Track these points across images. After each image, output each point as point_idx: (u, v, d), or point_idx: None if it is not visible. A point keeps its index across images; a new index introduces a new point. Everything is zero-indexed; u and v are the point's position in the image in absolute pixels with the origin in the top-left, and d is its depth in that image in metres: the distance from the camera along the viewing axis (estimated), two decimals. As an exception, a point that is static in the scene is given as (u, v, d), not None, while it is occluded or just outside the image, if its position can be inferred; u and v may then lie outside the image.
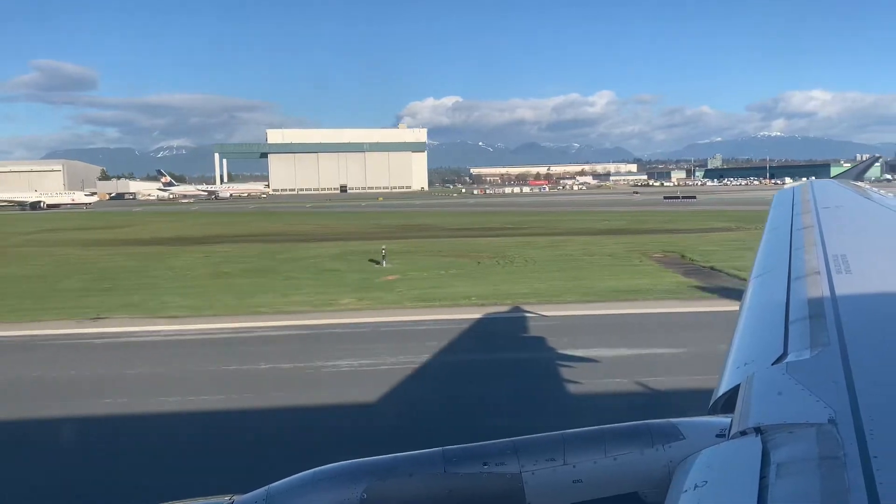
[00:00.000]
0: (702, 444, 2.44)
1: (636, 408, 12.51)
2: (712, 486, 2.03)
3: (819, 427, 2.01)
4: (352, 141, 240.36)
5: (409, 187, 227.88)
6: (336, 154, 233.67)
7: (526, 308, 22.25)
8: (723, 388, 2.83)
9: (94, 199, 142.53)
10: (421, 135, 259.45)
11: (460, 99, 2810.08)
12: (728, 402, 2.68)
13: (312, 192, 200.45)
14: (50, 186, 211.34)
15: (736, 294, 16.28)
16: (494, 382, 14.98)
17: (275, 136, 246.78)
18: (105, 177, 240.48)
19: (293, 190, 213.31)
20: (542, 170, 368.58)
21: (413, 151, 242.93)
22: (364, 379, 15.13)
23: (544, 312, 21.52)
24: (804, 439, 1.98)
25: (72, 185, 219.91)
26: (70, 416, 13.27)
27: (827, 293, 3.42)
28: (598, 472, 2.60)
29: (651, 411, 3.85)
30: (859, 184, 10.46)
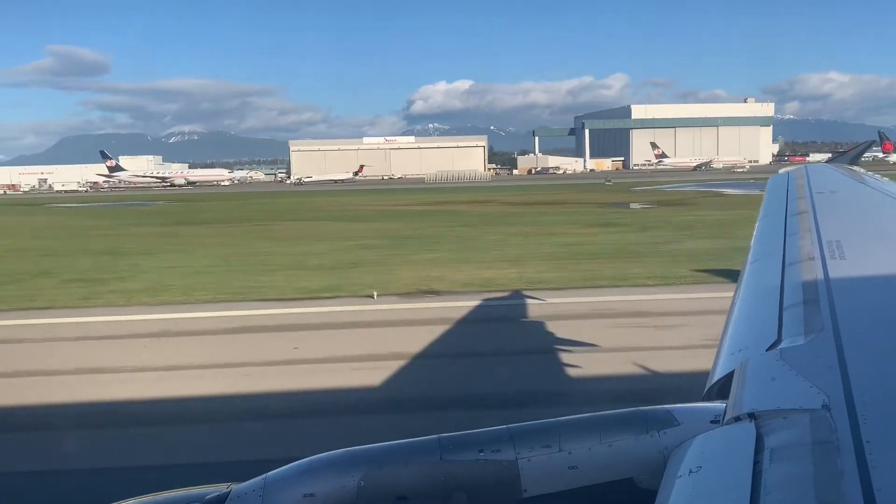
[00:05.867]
0: (696, 430, 2.44)
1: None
2: (706, 471, 2.03)
3: (813, 412, 2.01)
4: (704, 116, 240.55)
5: (757, 161, 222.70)
6: (691, 129, 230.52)
7: None
8: (717, 375, 2.82)
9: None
10: (768, 109, 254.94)
11: (473, 82, 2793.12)
12: (723, 389, 2.68)
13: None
14: (474, 160, 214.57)
15: None
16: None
17: (638, 111, 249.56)
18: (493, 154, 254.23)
19: (649, 163, 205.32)
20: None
21: (761, 126, 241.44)
22: None
23: None
24: (798, 425, 1.97)
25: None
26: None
27: (821, 279, 3.39)
28: (594, 458, 2.60)
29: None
30: (854, 168, 10.44)
